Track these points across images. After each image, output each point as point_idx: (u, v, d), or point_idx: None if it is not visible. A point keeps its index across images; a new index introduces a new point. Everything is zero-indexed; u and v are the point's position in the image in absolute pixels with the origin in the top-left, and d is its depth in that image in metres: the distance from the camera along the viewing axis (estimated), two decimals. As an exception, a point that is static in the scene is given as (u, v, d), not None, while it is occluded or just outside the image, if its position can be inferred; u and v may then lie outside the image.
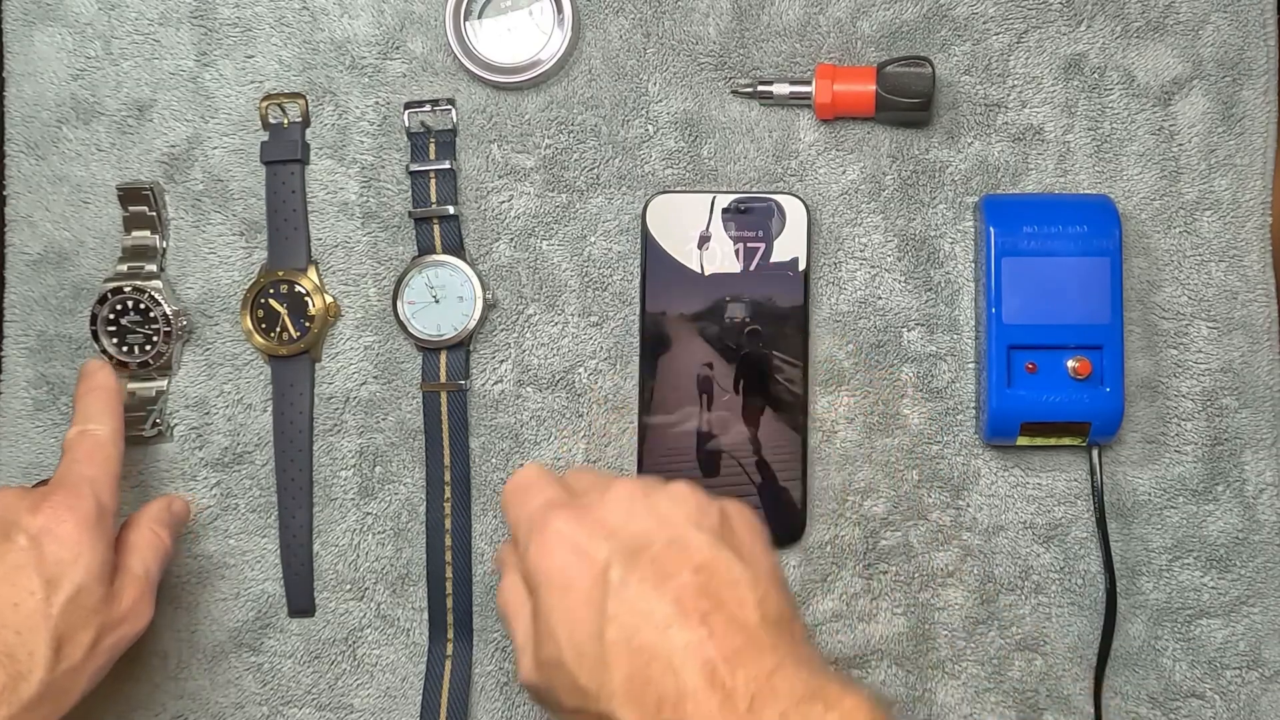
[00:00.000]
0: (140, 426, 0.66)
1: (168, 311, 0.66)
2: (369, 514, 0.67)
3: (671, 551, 0.49)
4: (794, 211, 0.65)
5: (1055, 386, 0.62)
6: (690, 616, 0.47)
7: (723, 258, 0.66)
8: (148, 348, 0.66)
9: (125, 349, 0.66)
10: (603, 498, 0.51)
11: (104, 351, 0.66)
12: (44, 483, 0.59)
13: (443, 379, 0.66)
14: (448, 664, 0.65)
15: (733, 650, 0.46)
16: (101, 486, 0.58)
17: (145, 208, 0.67)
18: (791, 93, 0.66)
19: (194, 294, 0.67)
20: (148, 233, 0.67)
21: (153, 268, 0.67)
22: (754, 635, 0.47)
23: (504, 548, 0.56)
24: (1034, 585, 0.65)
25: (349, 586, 0.66)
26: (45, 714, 0.54)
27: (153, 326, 0.66)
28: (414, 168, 0.67)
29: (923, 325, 0.66)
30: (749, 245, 0.65)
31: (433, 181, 0.67)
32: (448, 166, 0.67)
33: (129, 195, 0.67)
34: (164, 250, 0.67)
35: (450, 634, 0.66)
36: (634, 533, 0.50)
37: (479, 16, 0.67)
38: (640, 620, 0.47)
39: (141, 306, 0.66)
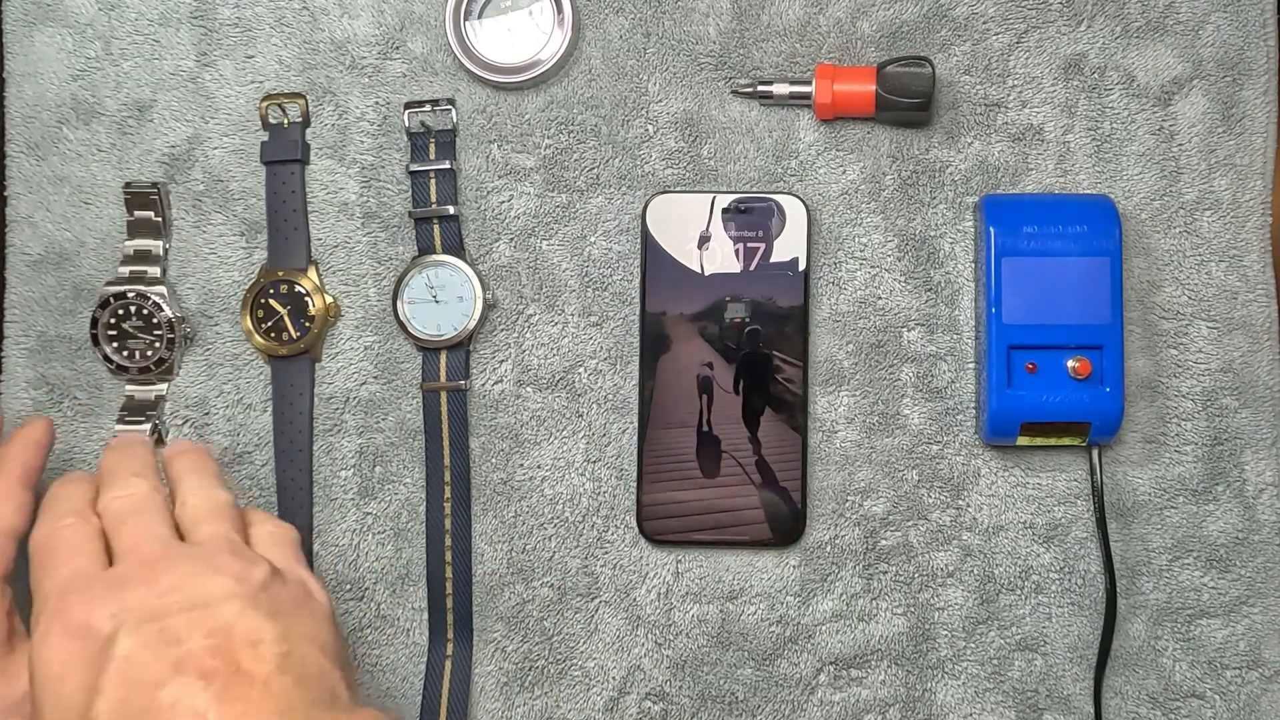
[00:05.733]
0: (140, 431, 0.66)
1: (171, 317, 0.66)
2: (369, 514, 0.67)
3: (186, 619, 0.49)
4: (794, 211, 0.65)
5: (1055, 386, 0.62)
6: (189, 675, 0.48)
7: (723, 258, 0.66)
8: (149, 353, 0.66)
9: (125, 353, 0.66)
10: (124, 574, 0.52)
11: (104, 356, 0.66)
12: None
13: (443, 379, 0.66)
14: (447, 664, 0.65)
15: (235, 699, 0.47)
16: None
17: (151, 213, 0.66)
18: (791, 93, 0.66)
19: (194, 294, 0.67)
20: (151, 237, 0.67)
21: (156, 272, 0.66)
22: (268, 687, 0.48)
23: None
24: (1034, 585, 0.65)
25: (349, 586, 0.66)
26: None
27: (156, 332, 0.66)
28: (414, 168, 0.67)
29: (923, 325, 0.66)
30: (749, 245, 0.65)
31: (433, 181, 0.67)
32: (448, 166, 0.67)
33: (135, 199, 0.66)
34: (166, 252, 0.67)
35: (450, 634, 0.66)
36: (152, 606, 0.50)
37: (479, 16, 0.67)
38: (133, 687, 0.48)
39: (145, 312, 0.66)
